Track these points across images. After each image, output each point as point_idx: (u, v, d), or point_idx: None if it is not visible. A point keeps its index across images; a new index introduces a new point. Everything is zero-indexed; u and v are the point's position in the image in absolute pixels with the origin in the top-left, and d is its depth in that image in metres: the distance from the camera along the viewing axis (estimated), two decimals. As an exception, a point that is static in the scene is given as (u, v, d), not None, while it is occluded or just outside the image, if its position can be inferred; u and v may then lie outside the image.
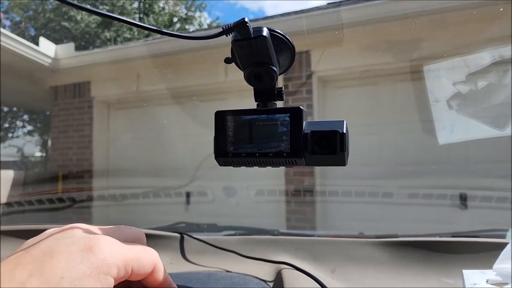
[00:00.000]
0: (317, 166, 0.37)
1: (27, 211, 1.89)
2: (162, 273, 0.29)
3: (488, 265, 0.56)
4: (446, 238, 0.73)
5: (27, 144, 7.10)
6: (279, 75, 0.36)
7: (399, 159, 2.79)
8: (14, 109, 6.90)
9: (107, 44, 6.84)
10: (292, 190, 3.06)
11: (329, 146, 0.33)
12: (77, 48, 5.76)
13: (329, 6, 2.33)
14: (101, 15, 0.31)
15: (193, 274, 0.62)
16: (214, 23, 8.81)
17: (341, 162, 0.34)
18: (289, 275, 0.59)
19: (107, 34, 6.97)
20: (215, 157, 0.37)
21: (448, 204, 2.37)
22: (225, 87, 3.00)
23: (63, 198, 2.53)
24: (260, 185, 2.74)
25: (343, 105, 3.03)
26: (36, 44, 3.75)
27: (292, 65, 0.38)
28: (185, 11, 8.49)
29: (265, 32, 0.32)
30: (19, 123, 7.28)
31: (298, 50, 0.37)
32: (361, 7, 2.62)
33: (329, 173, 2.94)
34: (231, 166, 0.37)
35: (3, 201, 2.90)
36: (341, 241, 0.74)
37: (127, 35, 7.02)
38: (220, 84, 2.98)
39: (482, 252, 0.65)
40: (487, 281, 0.52)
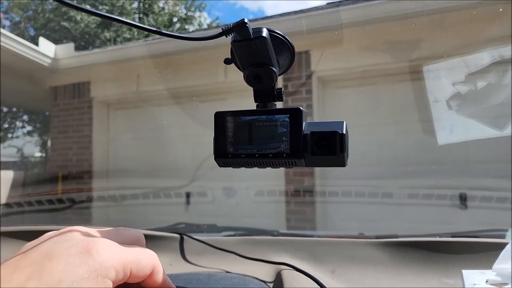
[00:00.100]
0: (317, 167, 0.37)
1: (27, 212, 1.89)
2: (161, 275, 0.29)
3: (488, 265, 0.56)
4: (446, 238, 0.73)
5: (27, 145, 7.10)
6: (279, 76, 0.36)
7: (399, 159, 2.79)
8: (14, 110, 6.89)
9: (107, 44, 6.84)
10: (292, 191, 3.05)
11: (329, 147, 0.33)
12: (77, 48, 5.76)
13: (329, 6, 2.33)
14: (101, 16, 0.31)
15: (193, 275, 0.62)
16: (214, 23, 8.81)
17: (341, 163, 0.34)
18: (289, 276, 0.59)
19: (107, 34, 6.96)
20: (215, 158, 0.37)
21: (448, 204, 2.37)
22: (225, 87, 3.00)
23: (63, 199, 2.53)
24: (260, 186, 2.74)
25: (343, 105, 3.03)
26: (36, 44, 3.75)
27: (292, 66, 0.38)
28: (185, 11, 8.49)
29: (265, 33, 0.32)
30: (19, 124, 7.28)
31: (298, 50, 0.37)
32: (361, 7, 2.62)
33: (329, 174, 2.94)
34: (231, 167, 0.37)
35: (3, 202, 2.90)
36: (341, 242, 0.74)
37: (127, 35, 7.01)
38: (220, 84, 2.98)
39: (482, 252, 0.65)
40: (487, 281, 0.52)
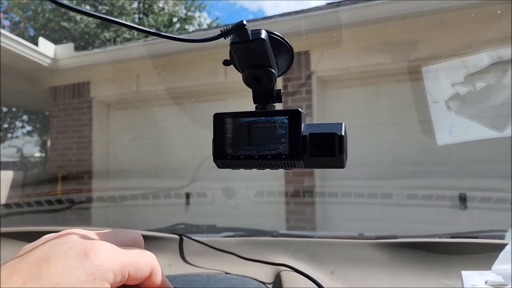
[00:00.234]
0: (316, 168, 0.37)
1: (26, 213, 1.89)
2: (160, 277, 0.29)
3: (487, 266, 0.55)
4: (446, 239, 0.73)
5: (27, 145, 7.09)
6: (278, 77, 0.36)
7: (399, 160, 2.79)
8: (14, 110, 6.89)
9: (107, 45, 6.84)
10: (292, 191, 3.05)
11: (328, 148, 0.33)
12: (77, 49, 5.76)
13: (328, 7, 2.33)
14: (100, 18, 0.31)
15: (192, 276, 0.62)
16: (214, 23, 8.80)
17: (340, 165, 0.34)
18: (288, 277, 0.59)
19: (107, 35, 6.96)
20: (214, 160, 0.37)
21: (448, 205, 2.37)
22: (225, 88, 3.00)
23: (62, 200, 2.52)
24: (260, 186, 2.74)
25: (343, 106, 3.03)
26: (36, 45, 3.74)
27: (291, 67, 0.38)
28: (185, 11, 8.49)
29: (264, 35, 0.32)
30: (19, 124, 7.27)
31: (298, 50, 0.37)
32: (360, 8, 2.62)
33: (329, 174, 2.94)
34: (230, 169, 0.37)
35: (3, 202, 2.90)
36: (341, 242, 0.74)
37: (127, 35, 7.00)
38: (220, 85, 2.98)
39: (481, 253, 0.65)
40: (486, 282, 0.52)
